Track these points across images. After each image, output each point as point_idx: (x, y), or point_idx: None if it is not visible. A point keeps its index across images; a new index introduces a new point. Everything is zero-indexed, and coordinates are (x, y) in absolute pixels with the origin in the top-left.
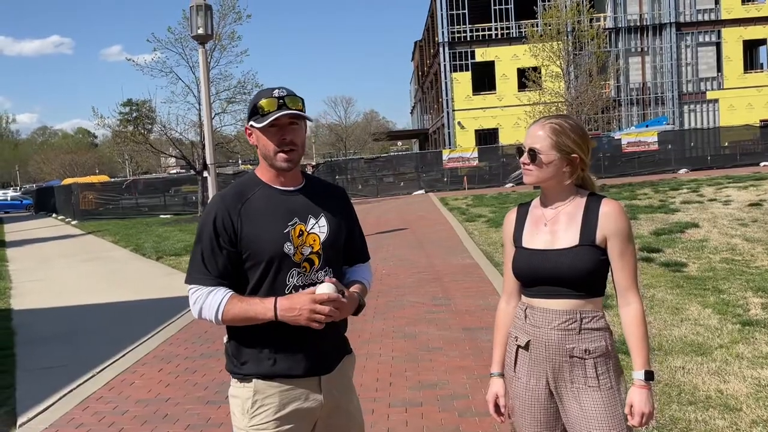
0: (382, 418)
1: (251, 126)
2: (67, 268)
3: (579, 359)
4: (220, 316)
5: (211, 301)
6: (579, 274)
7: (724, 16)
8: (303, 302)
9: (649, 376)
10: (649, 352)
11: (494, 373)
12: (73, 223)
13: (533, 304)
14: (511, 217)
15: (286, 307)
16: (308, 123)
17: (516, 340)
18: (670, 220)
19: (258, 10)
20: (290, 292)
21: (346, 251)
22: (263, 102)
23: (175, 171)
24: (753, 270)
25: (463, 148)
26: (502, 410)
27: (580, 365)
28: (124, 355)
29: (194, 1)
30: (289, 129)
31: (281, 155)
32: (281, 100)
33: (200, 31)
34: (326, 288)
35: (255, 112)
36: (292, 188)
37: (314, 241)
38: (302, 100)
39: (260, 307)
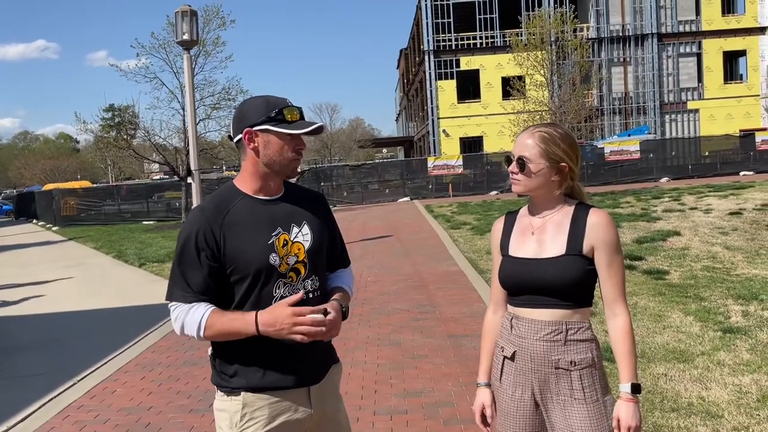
0: (368, 427)
1: (267, 130)
2: (47, 275)
3: (565, 371)
4: (202, 333)
5: (192, 318)
6: (565, 284)
7: (704, 27)
8: (284, 316)
9: (636, 389)
10: (636, 365)
11: (481, 383)
12: (54, 229)
13: (519, 314)
14: (499, 225)
15: (268, 323)
16: None
17: (502, 351)
18: (652, 228)
19: (244, 17)
20: None
21: (328, 257)
22: (287, 110)
23: (158, 177)
24: (733, 278)
25: (448, 156)
26: (489, 421)
27: (566, 377)
28: (105, 363)
29: (180, 7)
30: (303, 139)
31: (295, 162)
32: (300, 112)
33: (185, 36)
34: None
35: (276, 119)
36: (272, 197)
37: (299, 250)
38: None
39: (240, 323)
